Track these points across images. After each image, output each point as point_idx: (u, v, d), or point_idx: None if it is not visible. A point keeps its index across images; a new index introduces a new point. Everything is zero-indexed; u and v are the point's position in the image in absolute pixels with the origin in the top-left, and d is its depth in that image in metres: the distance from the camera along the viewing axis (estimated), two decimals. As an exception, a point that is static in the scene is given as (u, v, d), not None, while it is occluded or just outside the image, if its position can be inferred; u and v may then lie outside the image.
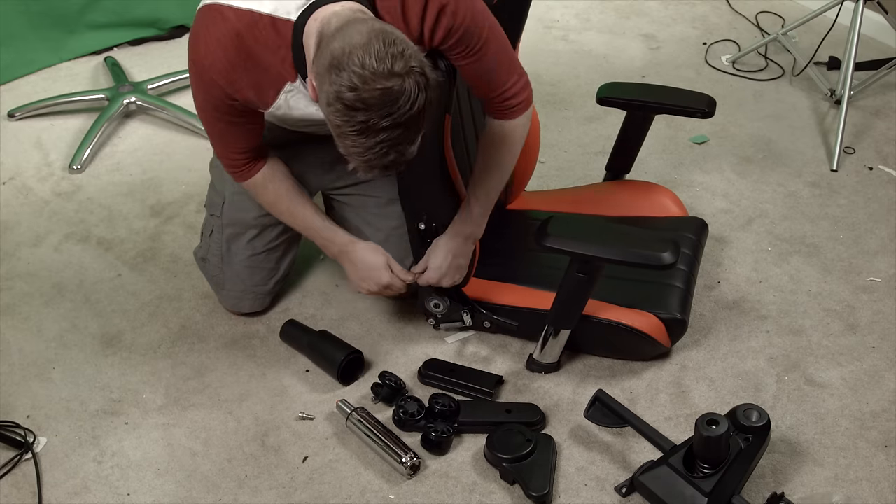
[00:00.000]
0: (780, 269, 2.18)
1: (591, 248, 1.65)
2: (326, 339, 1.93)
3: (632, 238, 1.69)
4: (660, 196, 2.12)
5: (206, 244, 2.01)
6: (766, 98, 2.84)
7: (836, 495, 1.65)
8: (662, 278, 1.88)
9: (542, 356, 1.87)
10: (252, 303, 2.02)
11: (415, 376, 1.90)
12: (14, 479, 1.71)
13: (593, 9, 3.40)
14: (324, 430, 1.79)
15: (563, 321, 1.79)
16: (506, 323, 1.92)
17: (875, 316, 2.04)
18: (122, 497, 1.68)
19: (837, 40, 2.89)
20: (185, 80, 2.90)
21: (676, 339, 1.89)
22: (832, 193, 2.43)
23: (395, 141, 1.35)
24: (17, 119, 2.78)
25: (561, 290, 1.75)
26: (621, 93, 2.06)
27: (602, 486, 1.68)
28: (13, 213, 2.40)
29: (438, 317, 1.96)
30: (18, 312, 2.08)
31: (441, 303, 1.92)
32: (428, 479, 1.70)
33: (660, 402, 1.84)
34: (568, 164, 2.56)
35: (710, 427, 1.51)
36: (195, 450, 1.76)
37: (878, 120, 2.72)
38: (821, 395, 1.85)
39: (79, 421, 1.82)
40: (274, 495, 1.68)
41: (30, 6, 2.93)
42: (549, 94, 2.88)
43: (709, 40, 3.16)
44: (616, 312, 1.82)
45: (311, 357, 1.93)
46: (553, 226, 1.68)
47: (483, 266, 1.96)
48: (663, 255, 1.60)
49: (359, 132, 1.33)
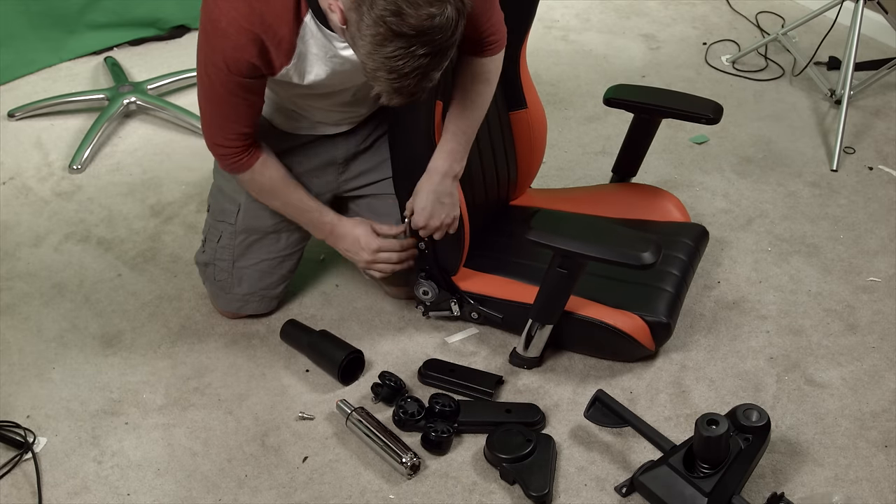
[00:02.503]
0: (780, 269, 2.18)
1: (571, 243, 1.65)
2: (327, 338, 1.93)
3: (614, 236, 1.70)
4: (663, 201, 2.12)
5: (211, 250, 1.97)
6: (766, 98, 2.84)
7: (836, 495, 1.65)
8: (653, 281, 1.88)
9: (524, 350, 1.87)
10: (258, 305, 2.02)
11: (415, 376, 1.90)
12: (14, 479, 1.71)
13: (593, 9, 3.41)
14: (324, 430, 1.80)
15: (544, 316, 1.80)
16: (492, 315, 1.92)
17: (875, 316, 2.04)
18: (122, 497, 1.68)
19: (837, 40, 2.89)
20: (185, 80, 2.91)
21: (661, 343, 1.89)
22: (832, 193, 2.43)
23: (429, 67, 1.34)
24: (17, 119, 2.78)
25: (543, 284, 1.76)
26: (628, 95, 2.06)
27: (602, 486, 1.68)
28: (13, 213, 2.40)
29: (427, 304, 1.96)
30: (18, 312, 2.08)
31: (430, 290, 1.92)
32: (428, 479, 1.70)
33: (660, 402, 1.84)
34: (568, 164, 2.56)
35: (710, 427, 1.51)
36: (195, 450, 1.76)
37: (878, 120, 2.72)
38: (821, 395, 1.85)
39: (79, 421, 1.82)
40: (274, 495, 1.68)
41: (30, 6, 2.93)
42: (549, 94, 2.88)
43: (709, 40, 3.17)
44: (600, 311, 1.83)
45: (311, 357, 1.93)
46: (537, 220, 1.70)
47: (478, 258, 1.97)
48: (643, 254, 1.60)
49: (398, 57, 1.31)
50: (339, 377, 1.87)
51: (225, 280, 1.98)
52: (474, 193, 1.94)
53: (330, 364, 1.88)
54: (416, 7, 1.27)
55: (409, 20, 1.28)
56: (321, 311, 2.07)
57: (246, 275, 1.97)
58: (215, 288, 2.01)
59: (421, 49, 1.30)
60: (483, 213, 2.01)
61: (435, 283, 1.92)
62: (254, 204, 1.89)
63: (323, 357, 1.90)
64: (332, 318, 2.05)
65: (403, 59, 1.31)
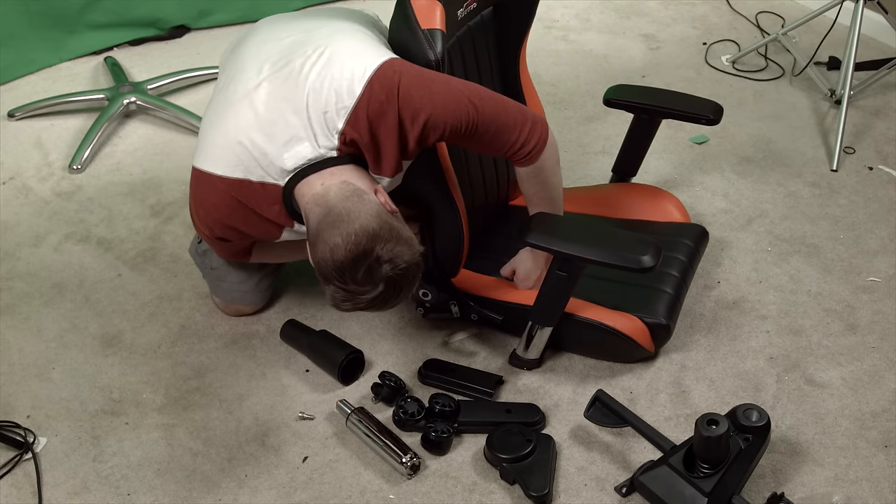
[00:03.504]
0: (780, 269, 2.18)
1: (571, 246, 1.65)
2: (326, 338, 1.94)
3: (614, 239, 1.70)
4: (663, 201, 2.11)
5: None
6: (766, 98, 2.84)
7: (836, 495, 1.65)
8: (652, 282, 1.88)
9: (524, 352, 1.87)
10: (253, 297, 2.02)
11: (415, 376, 1.90)
12: (14, 479, 1.71)
13: (593, 9, 3.41)
14: (324, 430, 1.80)
15: (544, 318, 1.80)
16: (492, 317, 1.92)
17: (875, 316, 2.04)
18: (122, 497, 1.68)
19: (837, 40, 2.89)
20: (185, 80, 2.91)
21: (661, 344, 1.89)
22: (832, 193, 2.43)
23: (377, 308, 1.53)
24: (17, 119, 2.78)
25: (543, 287, 1.75)
26: (628, 95, 2.06)
27: (602, 486, 1.68)
28: (13, 213, 2.40)
29: (427, 306, 1.96)
30: (18, 312, 2.09)
31: (430, 292, 1.92)
32: (428, 479, 1.70)
33: (660, 402, 1.84)
34: (568, 164, 2.56)
35: (710, 427, 1.51)
36: (195, 450, 1.77)
37: (878, 120, 2.72)
38: (821, 395, 1.85)
39: (79, 421, 1.82)
40: (274, 495, 1.68)
41: (30, 6, 2.93)
42: (549, 94, 2.88)
43: (709, 40, 3.17)
44: (600, 313, 1.83)
45: (311, 357, 1.94)
46: (536, 223, 1.69)
47: (477, 259, 1.97)
48: (643, 258, 1.60)
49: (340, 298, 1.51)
50: (339, 377, 1.87)
51: (220, 268, 2.00)
52: (474, 195, 1.94)
53: (330, 364, 1.88)
54: (352, 296, 1.48)
55: (346, 304, 1.50)
56: (321, 311, 2.07)
57: (234, 267, 1.98)
58: (212, 278, 2.02)
59: (361, 304, 1.50)
60: (482, 214, 2.01)
61: (435, 286, 1.92)
62: None
63: (323, 357, 1.91)
64: (332, 318, 2.05)
65: (344, 301, 1.50)
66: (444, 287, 1.92)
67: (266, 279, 2.02)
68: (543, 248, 1.66)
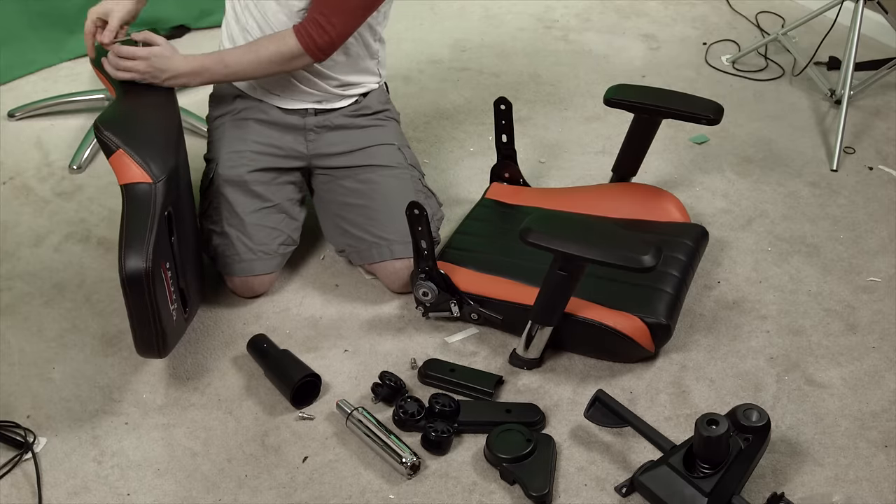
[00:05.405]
0: (780, 269, 2.18)
1: (571, 246, 1.65)
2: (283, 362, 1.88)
3: (614, 238, 1.69)
4: (663, 201, 2.11)
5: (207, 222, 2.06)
6: (766, 98, 2.84)
7: (836, 495, 1.65)
8: (652, 282, 1.88)
9: (524, 352, 1.87)
10: (263, 264, 2.03)
11: (415, 376, 1.90)
12: (14, 479, 1.71)
13: (593, 9, 3.41)
14: (324, 430, 1.80)
15: (545, 318, 1.80)
16: (492, 316, 1.92)
17: (875, 316, 2.04)
18: (122, 497, 1.68)
19: (837, 40, 2.89)
20: (185, 80, 2.90)
21: (661, 344, 1.89)
22: (832, 193, 2.43)
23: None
24: (17, 119, 2.78)
25: (543, 286, 1.75)
26: (628, 95, 2.06)
27: (602, 486, 1.68)
28: (13, 213, 2.40)
29: (427, 305, 1.96)
30: (18, 312, 2.09)
31: (430, 291, 1.92)
32: (428, 479, 1.70)
33: (660, 402, 1.84)
34: (568, 164, 2.56)
35: (710, 427, 1.51)
36: (195, 450, 1.77)
37: (878, 120, 2.73)
38: (821, 395, 1.85)
39: (79, 421, 1.82)
40: (274, 495, 1.68)
41: (30, 6, 2.93)
42: (549, 94, 2.88)
43: (709, 40, 3.17)
44: (600, 312, 1.83)
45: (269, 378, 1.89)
46: (536, 222, 1.69)
47: (476, 258, 1.97)
48: (644, 257, 1.60)
49: None
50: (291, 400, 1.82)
51: (224, 245, 2.02)
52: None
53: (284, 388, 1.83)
54: None
55: None
56: (321, 311, 2.07)
57: (241, 232, 2.01)
58: (222, 261, 2.04)
59: None
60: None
61: (435, 285, 1.92)
62: (229, 155, 2.04)
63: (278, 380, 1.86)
64: (332, 317, 2.05)
65: None
66: (444, 286, 1.92)
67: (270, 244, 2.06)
68: (544, 248, 1.66)
